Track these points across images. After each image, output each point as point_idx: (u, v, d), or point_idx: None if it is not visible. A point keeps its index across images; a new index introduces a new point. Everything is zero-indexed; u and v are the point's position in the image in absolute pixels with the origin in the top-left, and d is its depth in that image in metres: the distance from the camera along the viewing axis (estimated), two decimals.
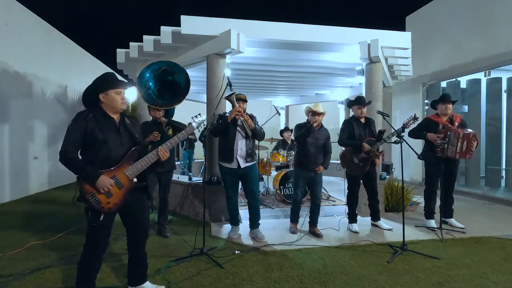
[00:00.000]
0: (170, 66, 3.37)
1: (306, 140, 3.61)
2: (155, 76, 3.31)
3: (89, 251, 2.06)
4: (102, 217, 1.97)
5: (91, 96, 2.08)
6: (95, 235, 2.03)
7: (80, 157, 2.02)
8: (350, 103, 3.97)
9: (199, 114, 2.46)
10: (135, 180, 2.11)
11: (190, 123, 2.40)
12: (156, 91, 3.33)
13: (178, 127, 3.61)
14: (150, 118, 3.78)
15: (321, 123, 3.72)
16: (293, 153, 4.49)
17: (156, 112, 3.59)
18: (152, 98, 3.31)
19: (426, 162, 4.04)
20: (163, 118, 3.65)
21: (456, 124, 3.82)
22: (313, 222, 3.76)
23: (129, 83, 2.21)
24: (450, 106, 3.89)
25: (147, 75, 3.31)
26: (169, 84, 3.33)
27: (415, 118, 3.58)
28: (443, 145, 3.72)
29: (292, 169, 5.00)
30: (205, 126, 2.58)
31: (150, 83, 3.31)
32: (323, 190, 5.54)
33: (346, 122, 3.94)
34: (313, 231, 3.72)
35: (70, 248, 3.19)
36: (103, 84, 2.07)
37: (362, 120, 3.90)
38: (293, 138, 4.70)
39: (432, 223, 3.96)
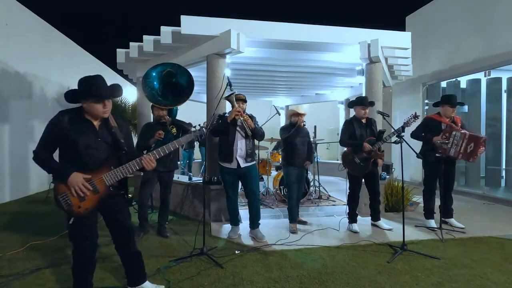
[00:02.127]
0: (174, 68, 3.38)
1: (295, 139, 3.82)
2: (160, 77, 3.32)
3: (77, 254, 2.02)
4: (72, 220, 1.90)
5: (71, 98, 1.99)
6: (76, 237, 2.00)
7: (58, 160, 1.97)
8: (351, 103, 3.95)
9: (199, 125, 2.45)
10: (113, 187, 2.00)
11: (189, 131, 2.38)
12: (160, 91, 3.35)
13: (182, 126, 3.61)
14: (152, 119, 3.78)
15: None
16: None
17: (160, 111, 3.59)
18: (156, 97, 3.32)
19: (425, 162, 4.04)
20: (167, 117, 3.64)
21: (459, 125, 3.83)
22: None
23: (114, 92, 2.01)
24: (455, 110, 3.89)
25: (152, 75, 3.32)
26: (173, 85, 3.34)
27: (415, 117, 3.56)
28: (447, 144, 3.70)
29: None
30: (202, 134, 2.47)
31: (155, 83, 3.33)
32: (323, 190, 5.58)
33: (347, 123, 3.94)
34: (299, 220, 4.05)
35: (70, 248, 3.17)
36: (85, 91, 1.94)
37: (364, 120, 3.90)
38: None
39: (432, 223, 3.96)
